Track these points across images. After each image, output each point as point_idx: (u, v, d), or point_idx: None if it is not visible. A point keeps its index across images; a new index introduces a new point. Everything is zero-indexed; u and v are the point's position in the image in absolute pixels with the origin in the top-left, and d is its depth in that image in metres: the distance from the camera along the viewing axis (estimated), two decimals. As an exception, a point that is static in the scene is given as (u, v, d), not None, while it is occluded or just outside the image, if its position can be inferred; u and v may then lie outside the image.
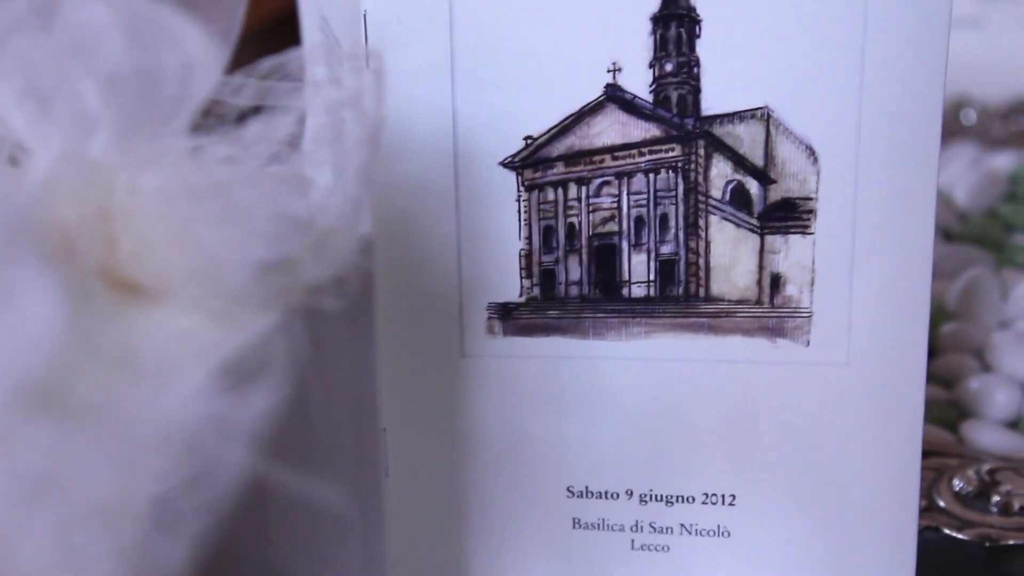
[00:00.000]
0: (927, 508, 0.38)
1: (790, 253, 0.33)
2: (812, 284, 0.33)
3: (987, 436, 0.41)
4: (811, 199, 0.33)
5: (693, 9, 0.32)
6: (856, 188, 0.33)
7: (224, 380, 0.18)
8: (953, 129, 0.62)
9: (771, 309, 0.33)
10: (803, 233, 0.33)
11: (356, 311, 0.27)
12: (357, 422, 0.28)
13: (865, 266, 0.33)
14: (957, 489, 0.39)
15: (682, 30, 0.32)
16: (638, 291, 0.34)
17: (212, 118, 0.24)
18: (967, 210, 0.51)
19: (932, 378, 0.43)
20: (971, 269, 0.46)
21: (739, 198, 0.33)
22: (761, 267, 0.33)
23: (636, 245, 0.34)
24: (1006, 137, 0.61)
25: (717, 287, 0.33)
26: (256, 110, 0.25)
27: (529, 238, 0.34)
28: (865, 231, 0.33)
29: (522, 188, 0.33)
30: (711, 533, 0.35)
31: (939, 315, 0.45)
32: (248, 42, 0.27)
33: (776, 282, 0.33)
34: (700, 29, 0.32)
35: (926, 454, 0.40)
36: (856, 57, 0.32)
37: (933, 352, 0.44)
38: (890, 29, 0.31)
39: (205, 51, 0.22)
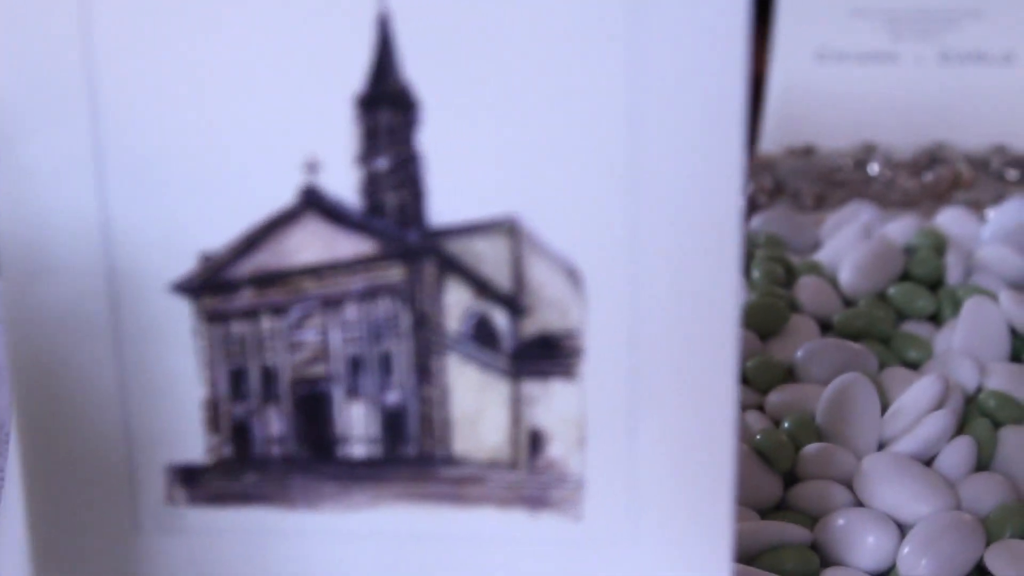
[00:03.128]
0: None
1: (552, 403, 0.26)
2: (582, 443, 0.26)
3: (852, 591, 0.34)
4: (576, 334, 0.26)
5: (409, 89, 0.24)
6: (633, 319, 0.25)
7: None
8: (856, 184, 0.55)
9: (530, 474, 0.26)
10: (567, 378, 0.26)
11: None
12: None
13: (649, 418, 0.26)
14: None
15: (397, 116, 0.25)
16: (359, 450, 0.26)
17: None
18: (853, 293, 0.44)
19: (790, 513, 0.36)
20: (845, 373, 0.39)
21: (483, 333, 0.26)
22: (515, 421, 0.26)
23: (353, 392, 0.26)
24: (914, 192, 0.54)
25: (460, 445, 0.26)
26: None
27: (213, 383, 0.26)
28: (647, 374, 0.26)
29: (201, 319, 0.26)
30: None
31: (804, 431, 0.38)
32: None
33: (536, 440, 0.26)
34: (421, 115, 0.25)
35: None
36: (625, 153, 0.25)
37: (793, 480, 0.37)
38: (670, 121, 0.24)
39: None
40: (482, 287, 0.26)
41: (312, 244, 0.25)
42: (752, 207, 0.53)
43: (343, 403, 0.26)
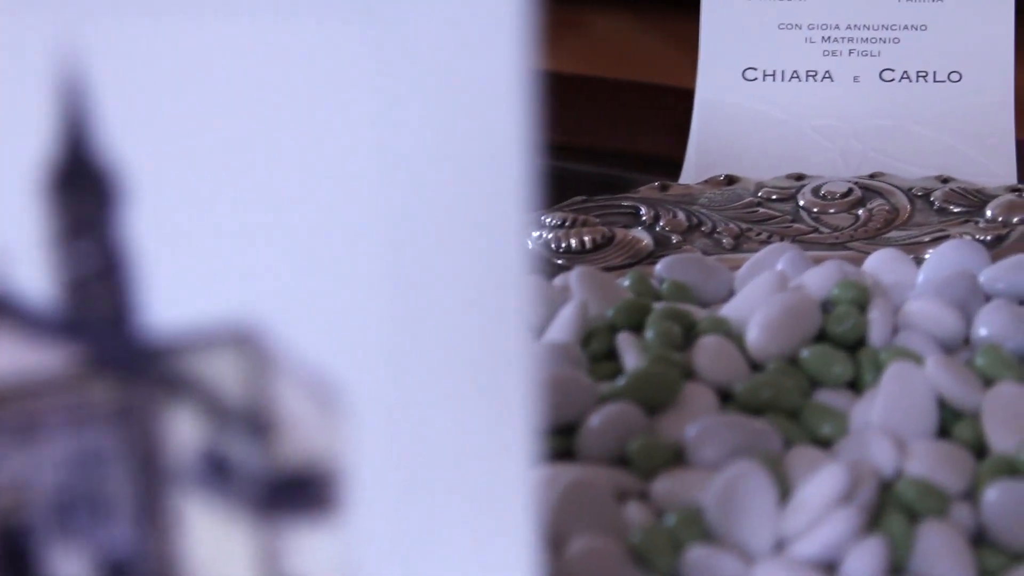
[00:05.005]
0: None
1: (309, 549, 0.21)
2: (349, 601, 0.21)
3: None
4: (334, 463, 0.21)
5: (113, 166, 0.19)
6: (403, 441, 0.20)
7: None
8: (781, 220, 0.50)
9: (286, 640, 0.21)
10: (326, 516, 0.21)
11: None
12: None
13: (430, 558, 0.21)
14: None
15: (97, 199, 0.20)
16: (74, 610, 0.21)
17: None
18: (761, 356, 0.39)
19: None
20: (740, 457, 0.34)
21: (219, 470, 0.21)
22: (265, 573, 0.21)
23: (63, 540, 0.21)
24: (846, 230, 0.49)
25: (199, 604, 0.21)
26: None
27: None
28: (424, 505, 0.21)
29: None
30: None
31: (690, 528, 0.33)
32: None
33: (292, 598, 0.21)
34: (129, 195, 0.20)
35: None
36: (385, 246, 0.20)
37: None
38: (438, 207, 0.19)
39: None
40: (215, 410, 0.21)
41: (-2, 358, 0.20)
42: (662, 247, 0.48)
43: (51, 554, 0.21)
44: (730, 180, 0.52)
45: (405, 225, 0.19)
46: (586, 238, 0.48)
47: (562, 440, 0.36)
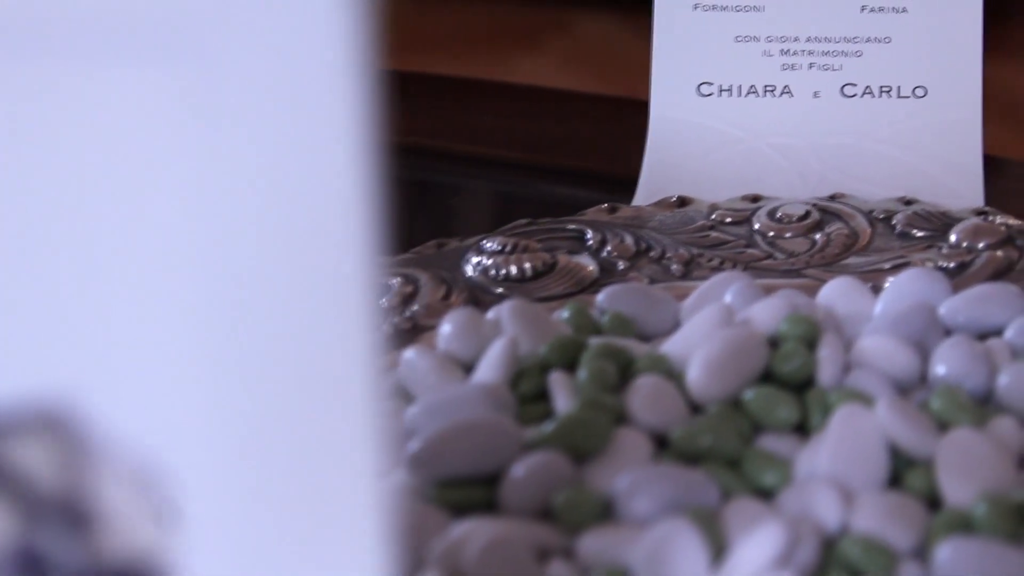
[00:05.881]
0: None
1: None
2: None
3: None
4: (161, 563, 0.18)
5: None
6: (236, 530, 0.18)
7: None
8: (735, 245, 0.47)
9: None
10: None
11: None
12: None
13: None
14: None
15: None
16: None
17: None
18: (702, 398, 0.36)
19: None
20: (671, 513, 0.32)
21: (34, 568, 0.18)
22: None
23: None
24: (802, 255, 0.47)
25: None
26: None
27: None
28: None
29: None
30: None
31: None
32: None
33: None
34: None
35: None
36: (207, 318, 0.17)
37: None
38: (266, 274, 0.17)
39: None
40: (28, 504, 0.18)
41: None
42: (607, 274, 0.46)
43: None
44: (682, 202, 0.49)
45: (229, 296, 0.17)
46: (526, 265, 0.46)
47: (483, 491, 0.34)
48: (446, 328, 0.40)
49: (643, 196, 0.52)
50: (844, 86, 0.52)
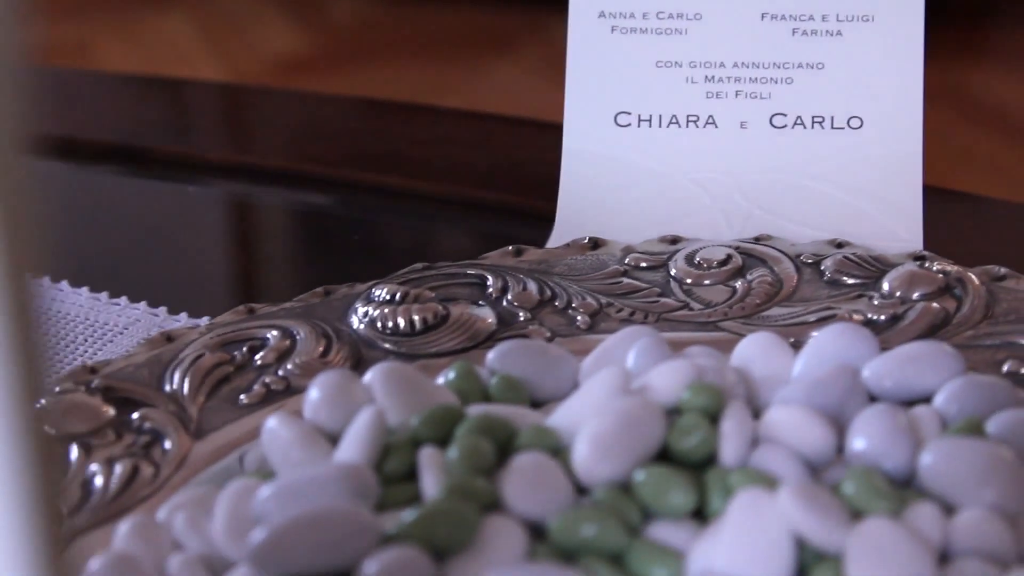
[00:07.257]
0: None
1: None
2: None
3: None
4: None
5: None
6: None
7: None
8: (647, 294, 0.43)
9: None
10: None
11: None
12: None
13: None
14: None
15: None
16: None
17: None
18: (589, 480, 0.32)
19: None
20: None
21: None
22: None
23: None
24: (721, 305, 0.43)
25: None
26: None
27: None
28: None
29: None
30: None
31: None
32: None
33: None
34: None
35: None
36: None
37: None
38: None
39: None
40: None
41: None
42: (505, 326, 0.42)
43: None
44: (595, 244, 0.46)
45: None
46: (415, 317, 0.42)
47: (331, 593, 0.30)
48: (314, 394, 0.36)
49: (559, 235, 0.48)
50: (773, 116, 0.48)
